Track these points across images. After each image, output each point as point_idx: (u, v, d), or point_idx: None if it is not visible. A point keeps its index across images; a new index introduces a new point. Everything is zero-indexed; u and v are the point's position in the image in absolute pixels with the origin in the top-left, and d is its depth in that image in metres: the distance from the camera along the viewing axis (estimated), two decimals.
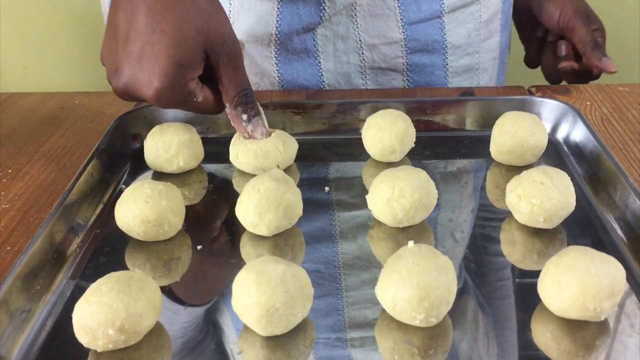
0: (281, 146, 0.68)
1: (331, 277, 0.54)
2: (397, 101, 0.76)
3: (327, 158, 0.74)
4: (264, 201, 0.56)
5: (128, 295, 0.46)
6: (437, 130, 0.76)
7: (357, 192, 0.65)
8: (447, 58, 0.88)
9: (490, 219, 0.62)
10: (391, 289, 0.47)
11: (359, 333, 0.49)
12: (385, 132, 0.68)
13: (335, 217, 0.62)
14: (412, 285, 0.46)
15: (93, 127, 0.80)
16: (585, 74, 0.92)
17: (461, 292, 0.52)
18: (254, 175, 0.68)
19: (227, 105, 0.64)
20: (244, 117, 0.65)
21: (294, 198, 0.58)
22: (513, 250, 0.58)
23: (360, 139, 0.72)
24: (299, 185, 0.62)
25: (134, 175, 0.70)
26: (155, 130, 0.69)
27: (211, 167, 0.71)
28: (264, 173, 0.60)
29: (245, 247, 0.58)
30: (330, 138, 0.76)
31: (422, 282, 0.46)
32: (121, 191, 0.66)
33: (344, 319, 0.50)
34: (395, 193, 0.57)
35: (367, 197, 0.60)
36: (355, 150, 0.74)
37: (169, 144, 0.67)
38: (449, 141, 0.75)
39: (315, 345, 0.48)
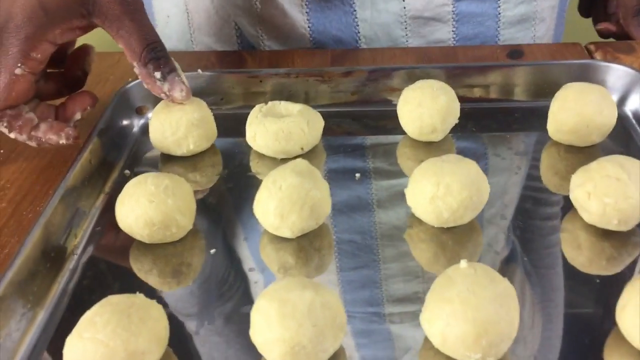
0: (305, 126, 0.59)
1: (367, 248, 0.50)
2: (436, 67, 0.66)
3: (356, 132, 0.65)
4: (286, 200, 0.48)
5: (127, 330, 0.38)
6: (482, 100, 0.66)
7: (394, 161, 0.60)
8: (500, 6, 0.77)
9: (549, 215, 0.53)
10: (440, 322, 0.39)
11: (399, 308, 0.45)
12: (425, 108, 0.58)
13: (372, 186, 0.56)
14: (467, 320, 0.38)
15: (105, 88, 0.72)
16: (623, 39, 0.81)
17: (507, 260, 0.49)
18: (274, 159, 0.59)
19: (134, 63, 0.55)
20: (157, 74, 0.55)
21: (321, 195, 0.50)
22: (577, 253, 0.49)
23: (395, 110, 0.63)
24: (325, 165, 0.55)
25: (139, 157, 0.62)
26: (160, 107, 0.60)
27: (226, 147, 0.63)
28: (285, 164, 0.51)
29: (266, 250, 0.51)
30: (360, 110, 0.67)
31: (480, 316, 0.38)
32: (125, 178, 0.59)
33: (381, 292, 0.47)
34: (440, 190, 0.48)
35: (406, 191, 0.52)
36: (389, 123, 0.65)
37: (177, 125, 0.59)
38: (496, 113, 0.65)
39: (351, 319, 0.45)
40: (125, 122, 0.65)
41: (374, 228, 0.53)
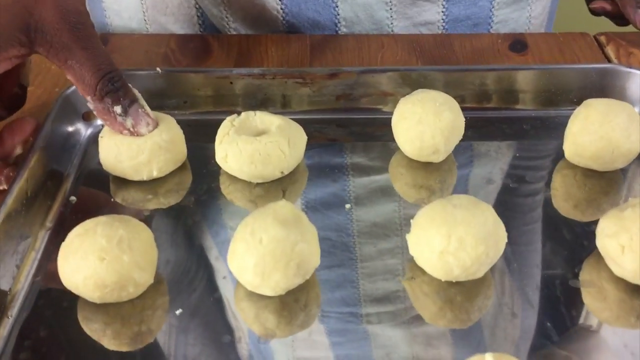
0: (286, 146, 0.50)
1: (344, 246, 0.47)
2: (434, 69, 0.57)
3: (341, 139, 0.56)
4: (268, 257, 0.40)
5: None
6: (486, 109, 0.58)
7: (376, 155, 0.54)
8: None
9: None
10: None
11: (376, 308, 0.43)
12: (426, 126, 0.50)
13: (350, 182, 0.52)
14: None
15: (32, 94, 0.61)
16: (618, 21, 0.73)
17: None
18: (249, 183, 0.51)
19: (88, 98, 0.47)
20: (117, 109, 0.48)
21: (309, 248, 0.41)
22: (602, 306, 0.43)
23: (388, 118, 0.55)
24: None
25: (87, 175, 0.52)
26: None
27: (192, 165, 0.53)
28: (265, 208, 0.42)
29: (243, 310, 0.42)
30: (346, 118, 0.58)
31: None
32: (70, 205, 0.49)
33: (358, 292, 0.44)
34: (452, 245, 0.41)
35: (409, 237, 0.44)
36: (377, 130, 0.57)
37: (138, 149, 0.49)
38: (501, 123, 0.57)
39: (327, 319, 0.42)
40: (69, 132, 0.55)
41: (350, 225, 0.48)
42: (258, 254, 0.40)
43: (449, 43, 0.67)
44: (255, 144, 0.49)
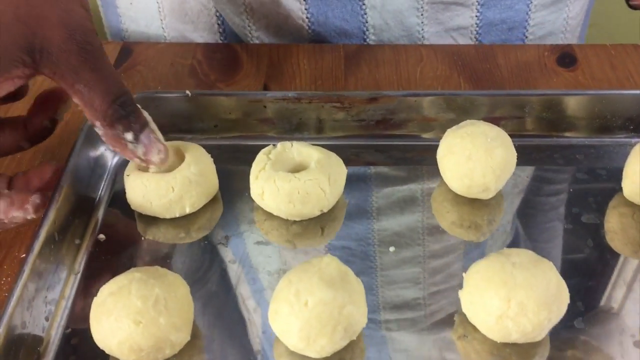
0: (326, 184, 0.47)
1: (363, 254, 0.47)
2: (481, 94, 0.54)
3: (379, 162, 0.53)
4: (314, 321, 0.37)
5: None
6: (535, 135, 0.54)
7: (410, 167, 0.52)
8: None
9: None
10: None
11: (396, 315, 0.43)
12: (476, 162, 0.47)
13: (372, 192, 0.51)
14: None
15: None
16: None
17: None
18: (285, 220, 0.48)
19: (96, 124, 0.43)
20: (128, 136, 0.44)
21: (357, 309, 0.39)
22: None
23: (429, 145, 0.52)
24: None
25: (116, 209, 0.50)
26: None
27: (225, 198, 0.51)
28: (310, 265, 0.40)
29: None
30: (385, 144, 0.54)
31: None
32: (101, 247, 0.47)
33: (377, 299, 0.44)
34: (512, 309, 0.38)
35: (461, 294, 0.41)
36: (418, 155, 0.54)
37: (167, 186, 0.46)
38: (552, 152, 0.53)
39: None
40: (95, 160, 0.52)
41: (371, 235, 0.48)
42: (303, 317, 0.37)
43: (492, 55, 0.63)
44: (294, 182, 0.46)
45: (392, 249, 0.47)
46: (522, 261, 0.39)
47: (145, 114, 0.45)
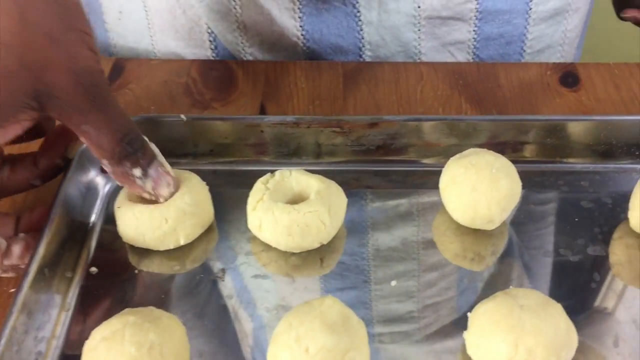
0: (326, 216, 0.45)
1: (357, 269, 0.46)
2: (484, 119, 0.52)
3: (378, 186, 0.52)
4: None
5: None
6: (538, 161, 0.53)
7: (409, 190, 0.52)
8: (532, 1, 0.63)
9: None
10: None
11: (389, 328, 0.43)
12: (480, 194, 0.45)
13: (368, 206, 0.51)
14: None
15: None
16: None
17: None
18: (284, 252, 0.47)
19: (104, 162, 0.43)
20: (137, 172, 0.43)
21: (361, 355, 0.37)
22: None
23: (430, 171, 0.51)
24: None
25: (107, 240, 0.48)
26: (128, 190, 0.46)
27: (219, 225, 0.49)
28: (310, 307, 0.38)
29: None
30: (385, 169, 0.53)
31: None
32: (92, 279, 0.45)
33: (370, 313, 0.44)
34: (519, 355, 0.36)
35: (466, 335, 0.40)
36: (419, 179, 0.52)
37: (160, 218, 0.45)
38: (556, 178, 0.52)
39: None
40: (86, 186, 0.50)
41: (365, 249, 0.47)
42: None
43: (493, 74, 0.62)
44: (293, 214, 0.45)
45: (393, 283, 0.45)
46: (530, 304, 0.38)
47: (153, 146, 0.44)
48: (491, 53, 0.67)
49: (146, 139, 0.44)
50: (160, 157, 0.44)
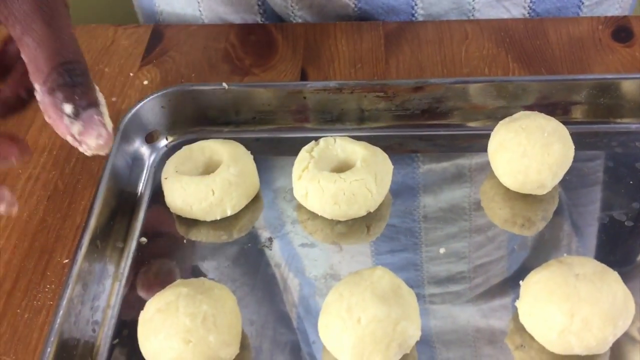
0: (373, 184, 0.45)
1: (408, 231, 0.46)
2: (533, 80, 0.51)
3: (423, 150, 0.51)
4: (367, 339, 0.36)
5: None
6: (591, 122, 0.51)
7: (457, 154, 0.50)
8: None
9: None
10: None
11: (440, 289, 0.43)
12: (532, 159, 0.44)
13: (414, 172, 0.50)
14: None
15: None
16: None
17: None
18: (330, 220, 0.46)
19: (36, 86, 0.37)
20: (67, 108, 0.37)
21: (412, 323, 0.37)
22: None
23: (477, 134, 0.49)
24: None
25: (155, 210, 0.48)
26: (179, 159, 0.46)
27: (266, 196, 0.49)
28: (360, 277, 0.38)
29: None
30: (430, 133, 0.52)
31: None
32: (143, 250, 0.46)
33: (421, 274, 0.44)
34: (575, 324, 0.36)
35: (519, 305, 0.39)
36: (465, 142, 0.51)
37: (207, 188, 0.45)
38: (609, 139, 0.50)
39: None
40: (133, 156, 0.50)
41: (416, 212, 0.47)
42: (356, 335, 0.36)
43: (542, 30, 0.59)
44: (339, 183, 0.44)
45: (442, 250, 0.45)
46: (585, 272, 0.37)
47: (101, 96, 0.38)
48: (548, 7, 0.63)
49: (93, 82, 0.38)
50: (104, 108, 0.38)
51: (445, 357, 0.39)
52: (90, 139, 0.37)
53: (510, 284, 0.43)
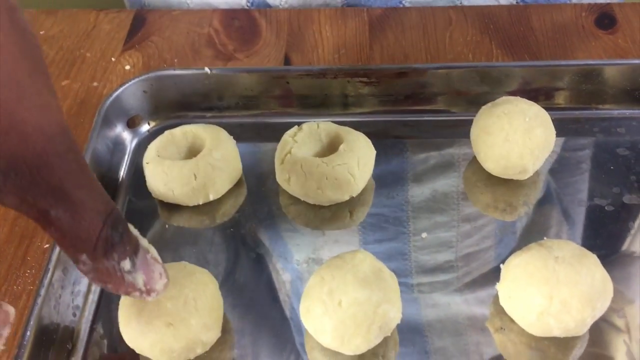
0: (355, 169, 0.45)
1: (396, 220, 0.46)
2: (517, 65, 0.51)
3: (406, 136, 0.51)
4: (348, 322, 0.36)
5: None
6: (573, 108, 0.51)
7: (441, 140, 0.50)
8: None
9: None
10: None
11: (429, 278, 0.43)
12: (513, 144, 0.44)
13: (397, 158, 0.50)
14: None
15: (69, 89, 0.56)
16: None
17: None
18: (313, 205, 0.46)
19: (82, 258, 0.30)
20: (126, 265, 0.32)
21: (393, 306, 0.37)
22: None
23: (460, 120, 0.50)
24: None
25: (135, 197, 0.48)
26: (161, 143, 0.46)
27: (248, 181, 0.49)
28: (342, 260, 0.38)
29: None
30: (414, 119, 0.52)
31: None
32: None
33: (410, 263, 0.44)
34: (554, 306, 0.36)
35: (499, 287, 0.39)
36: (448, 129, 0.51)
37: (189, 173, 0.44)
38: (591, 125, 0.51)
39: None
40: (113, 141, 0.50)
41: (401, 198, 0.47)
42: (337, 318, 0.36)
43: (525, 17, 0.60)
44: (322, 168, 0.44)
45: (424, 235, 0.45)
46: (564, 255, 0.37)
47: (136, 232, 0.33)
48: None
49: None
50: (142, 240, 0.33)
51: (437, 346, 0.39)
52: (158, 284, 0.33)
53: (498, 272, 0.42)
